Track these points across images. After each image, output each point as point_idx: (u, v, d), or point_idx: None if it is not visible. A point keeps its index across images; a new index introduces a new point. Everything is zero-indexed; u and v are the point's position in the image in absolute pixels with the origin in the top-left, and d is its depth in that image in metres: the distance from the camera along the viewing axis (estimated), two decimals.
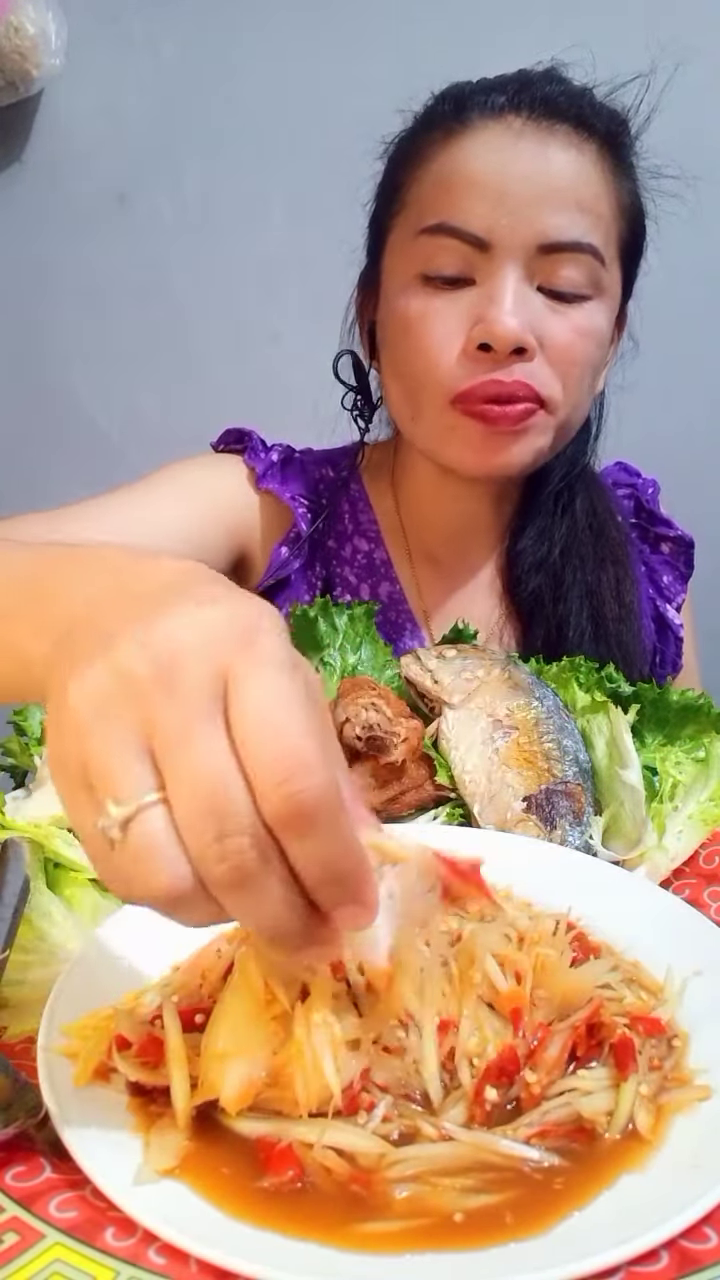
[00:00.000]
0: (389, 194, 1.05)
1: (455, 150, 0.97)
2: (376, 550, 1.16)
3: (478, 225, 0.94)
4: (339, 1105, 0.50)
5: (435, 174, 0.98)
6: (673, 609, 1.25)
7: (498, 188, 0.94)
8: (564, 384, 0.99)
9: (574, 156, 0.96)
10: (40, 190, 1.93)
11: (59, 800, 0.42)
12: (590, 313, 0.99)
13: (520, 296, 0.95)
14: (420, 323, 0.98)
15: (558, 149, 0.96)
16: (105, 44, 1.86)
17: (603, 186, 0.98)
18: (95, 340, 1.99)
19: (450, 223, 0.95)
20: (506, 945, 0.60)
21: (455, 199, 0.96)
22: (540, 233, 0.94)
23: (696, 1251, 0.46)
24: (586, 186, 0.97)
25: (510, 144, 0.96)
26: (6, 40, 1.74)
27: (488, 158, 0.96)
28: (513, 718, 0.84)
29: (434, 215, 0.97)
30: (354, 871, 0.42)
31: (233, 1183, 0.49)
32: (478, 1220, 0.47)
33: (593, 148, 0.98)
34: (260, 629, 0.41)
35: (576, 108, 0.97)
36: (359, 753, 0.83)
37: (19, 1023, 0.61)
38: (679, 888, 0.76)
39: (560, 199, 0.95)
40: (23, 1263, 0.46)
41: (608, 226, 0.99)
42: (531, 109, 0.96)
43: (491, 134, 0.96)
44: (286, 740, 0.39)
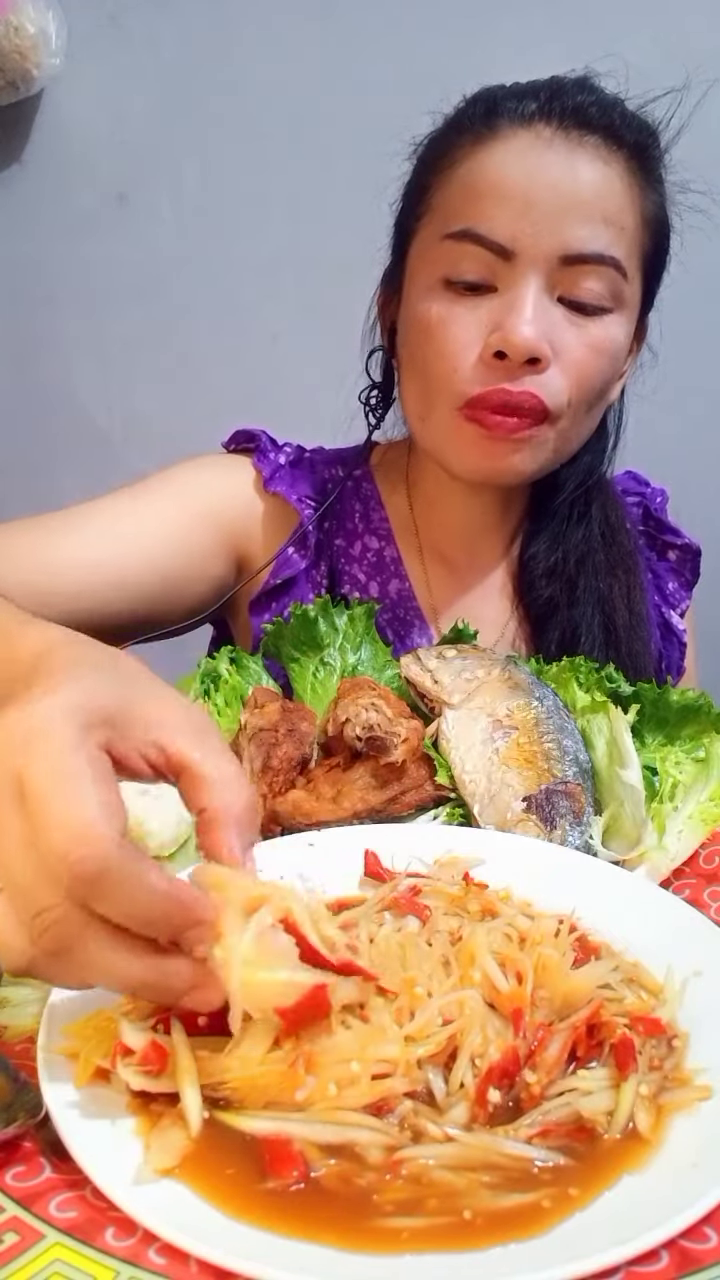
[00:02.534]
0: (415, 196, 1.05)
1: (484, 156, 0.97)
2: (387, 548, 1.16)
3: (502, 233, 0.95)
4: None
5: (462, 179, 0.99)
6: (677, 615, 1.26)
7: (524, 196, 0.95)
8: (572, 397, 0.99)
9: (601, 169, 0.96)
10: (40, 190, 1.94)
11: None
12: (608, 326, 0.99)
13: (540, 307, 0.95)
14: (441, 327, 0.99)
15: (586, 160, 0.96)
16: (105, 44, 1.86)
17: (628, 199, 0.98)
18: (95, 340, 1.99)
19: (475, 229, 0.96)
20: (507, 945, 0.60)
21: (481, 206, 0.96)
22: (564, 244, 0.95)
23: (696, 1251, 0.46)
24: (612, 199, 0.97)
25: (539, 153, 0.96)
26: (7, 40, 1.74)
27: (515, 165, 0.96)
28: (513, 718, 0.84)
29: (459, 221, 0.97)
30: (166, 909, 0.47)
31: (233, 1183, 0.49)
32: (484, 1219, 0.47)
33: (621, 160, 0.98)
34: (37, 729, 0.47)
35: (607, 119, 0.97)
36: (359, 753, 0.83)
37: (19, 1023, 0.61)
38: (679, 888, 0.76)
39: (586, 211, 0.95)
40: (23, 1263, 0.46)
41: (631, 239, 0.99)
42: (562, 118, 0.96)
43: (520, 142, 0.96)
44: (63, 820, 0.45)
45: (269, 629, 0.99)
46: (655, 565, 1.27)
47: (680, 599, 1.27)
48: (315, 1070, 0.52)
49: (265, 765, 0.81)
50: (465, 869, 0.70)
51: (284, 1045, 0.53)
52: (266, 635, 0.99)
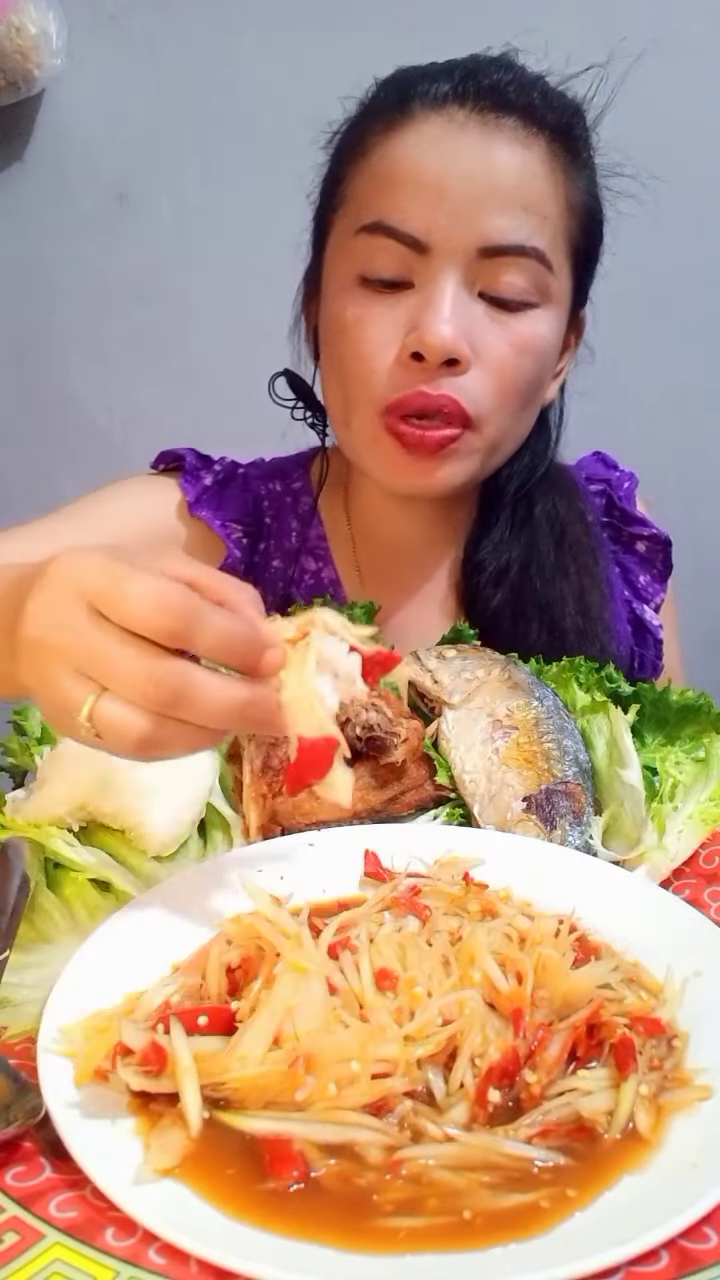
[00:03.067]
0: (330, 188, 1.00)
1: (395, 144, 0.92)
2: (324, 569, 1.11)
3: (415, 226, 0.90)
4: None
5: (374, 168, 0.93)
6: (650, 610, 1.20)
7: (436, 186, 0.89)
8: (497, 400, 0.94)
9: (520, 153, 0.90)
10: (41, 190, 1.94)
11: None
12: (534, 322, 0.94)
13: (458, 303, 0.90)
14: (357, 327, 0.93)
15: (503, 144, 0.90)
16: (105, 44, 1.86)
17: (550, 185, 0.92)
18: (95, 340, 1.99)
19: (387, 222, 0.90)
20: (507, 945, 0.60)
21: (393, 197, 0.91)
22: (481, 235, 0.89)
23: (696, 1251, 0.46)
24: (532, 186, 0.91)
25: (451, 138, 0.90)
26: (8, 40, 1.74)
27: (428, 152, 0.90)
28: (513, 718, 0.84)
29: (372, 214, 0.92)
30: (246, 632, 0.58)
31: (233, 1183, 0.49)
32: (484, 1219, 0.47)
33: (542, 143, 0.92)
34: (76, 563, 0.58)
35: (526, 98, 0.91)
36: (359, 753, 0.83)
37: (19, 1023, 0.61)
38: (679, 888, 0.76)
39: (503, 199, 0.89)
40: (23, 1263, 0.46)
41: (555, 228, 0.93)
42: (477, 99, 0.90)
43: (433, 127, 0.90)
44: (140, 595, 0.55)
45: None
46: (623, 558, 1.20)
47: (654, 593, 1.21)
48: (315, 1070, 0.52)
49: (265, 765, 0.81)
50: (465, 869, 0.70)
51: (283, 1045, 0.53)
52: None
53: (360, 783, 0.81)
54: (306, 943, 0.59)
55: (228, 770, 0.83)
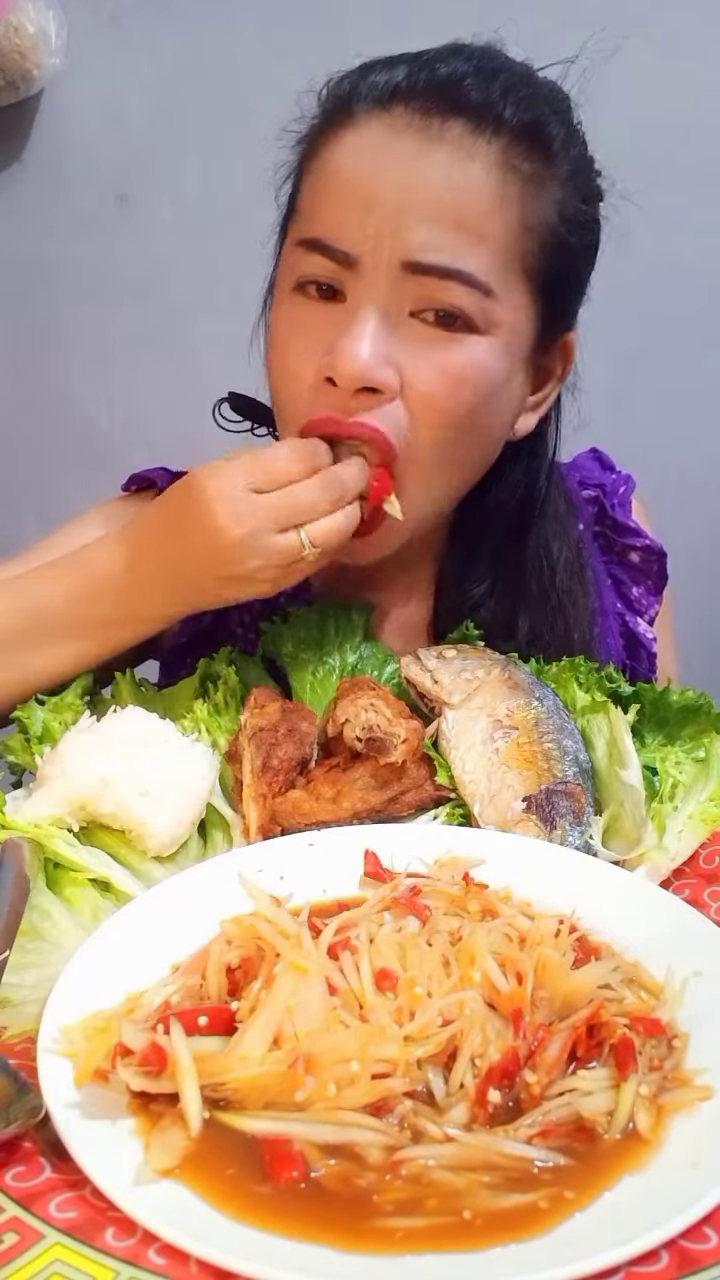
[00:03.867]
0: (292, 193, 0.94)
1: (336, 148, 0.85)
2: (299, 594, 1.03)
3: (345, 239, 0.83)
4: None
5: (317, 176, 0.87)
6: (644, 622, 1.14)
7: (366, 196, 0.81)
8: (425, 433, 0.85)
9: (462, 161, 0.81)
10: (40, 190, 1.94)
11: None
12: (470, 349, 0.84)
13: (382, 325, 0.83)
14: (286, 337, 0.88)
15: (443, 152, 0.81)
16: (105, 44, 1.86)
17: (498, 201, 0.82)
18: (95, 340, 1.99)
19: (319, 239, 0.84)
20: (507, 945, 0.60)
21: (327, 208, 0.85)
22: (405, 250, 0.81)
23: (696, 1251, 0.46)
24: (471, 201, 0.82)
25: (387, 144, 0.82)
26: (7, 40, 1.75)
27: (362, 160, 0.83)
28: (513, 718, 0.84)
29: (309, 228, 0.86)
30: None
31: (233, 1183, 0.49)
32: (484, 1219, 0.47)
33: (494, 151, 0.82)
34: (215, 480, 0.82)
35: (482, 94, 0.82)
36: (359, 753, 0.83)
37: (19, 1023, 0.61)
38: (679, 888, 0.76)
39: (432, 213, 0.81)
40: (23, 1263, 0.46)
41: (503, 249, 0.83)
42: (424, 96, 0.82)
43: (371, 130, 0.83)
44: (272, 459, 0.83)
45: (269, 629, 0.98)
46: (615, 570, 1.14)
47: (648, 605, 1.14)
48: (315, 1070, 0.52)
49: (265, 765, 0.81)
50: (465, 869, 0.70)
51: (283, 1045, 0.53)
52: (266, 635, 0.99)
53: (360, 783, 0.81)
54: (306, 943, 0.59)
55: (228, 770, 0.83)
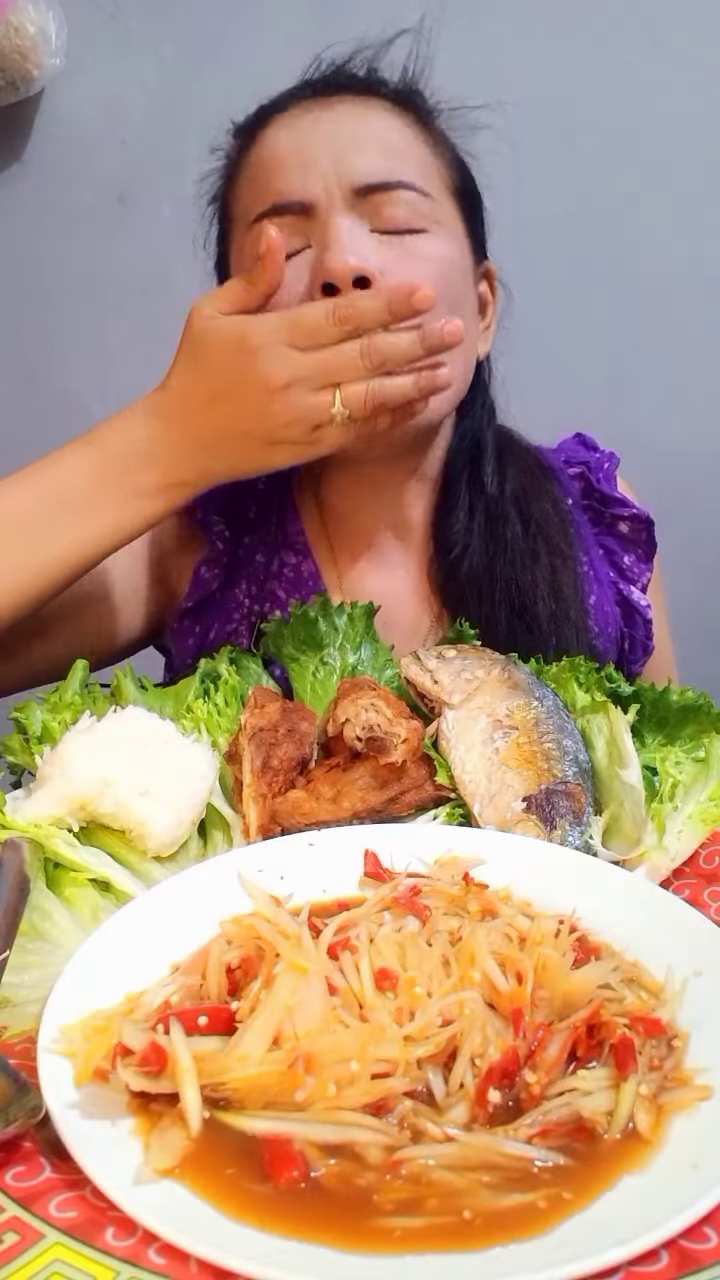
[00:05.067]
0: (221, 213, 1.08)
1: (259, 147, 1.01)
2: (304, 562, 1.12)
3: (294, 193, 0.97)
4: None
5: (248, 175, 1.02)
6: (638, 590, 1.20)
7: (300, 156, 0.97)
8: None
9: (363, 111, 1.00)
10: (40, 190, 1.94)
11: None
12: (428, 242, 0.99)
13: (352, 234, 0.95)
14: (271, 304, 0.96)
15: (346, 109, 1.00)
16: (105, 44, 1.86)
17: (405, 132, 1.00)
18: (95, 340, 1.99)
19: (273, 203, 0.97)
20: (507, 945, 0.60)
21: (269, 183, 0.98)
22: (351, 177, 0.96)
23: (696, 1251, 0.46)
24: (385, 131, 0.99)
25: (302, 120, 1.00)
26: (7, 40, 1.75)
27: (284, 138, 0.99)
28: (513, 718, 0.84)
29: (255, 207, 0.99)
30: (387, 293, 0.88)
31: (233, 1183, 0.49)
32: (484, 1219, 0.47)
33: (382, 104, 1.01)
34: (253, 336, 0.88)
35: (354, 77, 1.03)
36: (359, 753, 0.83)
37: (19, 1023, 0.61)
38: (679, 888, 0.76)
39: (361, 144, 0.97)
40: (23, 1263, 0.46)
41: (424, 164, 1.00)
42: (315, 90, 1.01)
43: (283, 120, 1.01)
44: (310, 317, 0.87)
45: (269, 629, 0.99)
46: (605, 540, 1.19)
47: (640, 573, 1.20)
48: (315, 1070, 0.52)
49: (265, 765, 0.81)
50: (465, 869, 0.70)
51: (283, 1045, 0.53)
52: (266, 635, 0.99)
53: (360, 783, 0.81)
54: (306, 943, 0.59)
55: (228, 770, 0.83)
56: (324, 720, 0.88)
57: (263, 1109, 0.52)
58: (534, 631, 1.07)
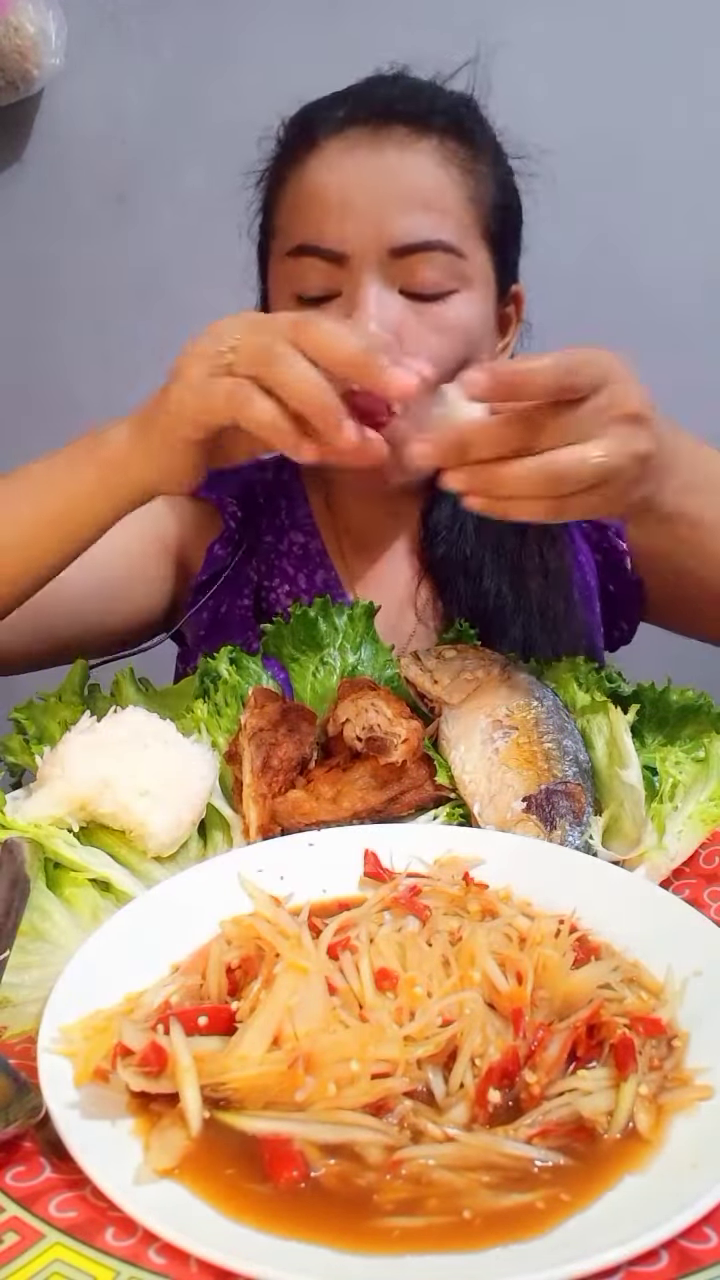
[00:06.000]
0: (265, 221, 1.08)
1: (306, 172, 1.00)
2: (312, 541, 1.18)
3: (330, 240, 0.97)
4: None
5: (291, 197, 1.02)
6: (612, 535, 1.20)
7: (341, 201, 0.97)
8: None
9: (410, 156, 0.98)
10: (40, 190, 1.94)
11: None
12: (454, 307, 0.99)
13: (380, 302, 0.96)
14: None
15: (394, 152, 0.98)
16: (105, 44, 1.86)
17: (447, 179, 0.99)
18: (95, 340, 1.99)
19: (308, 243, 0.98)
20: (507, 945, 0.60)
21: (309, 219, 0.99)
22: (389, 238, 0.96)
23: (696, 1251, 0.46)
24: (429, 182, 0.98)
25: (349, 156, 0.98)
26: (6, 40, 1.75)
27: (330, 173, 0.98)
28: (513, 718, 0.83)
29: (294, 238, 1.00)
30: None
31: (233, 1183, 0.49)
32: (484, 1219, 0.47)
33: (431, 143, 0.99)
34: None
35: (412, 105, 0.99)
36: (359, 753, 0.83)
37: (19, 1023, 0.61)
38: (679, 888, 0.76)
39: (403, 201, 0.96)
40: (23, 1263, 0.46)
41: (460, 217, 0.99)
42: (369, 117, 0.99)
43: (333, 150, 0.99)
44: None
45: (269, 629, 0.99)
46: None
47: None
48: (315, 1070, 0.52)
49: (265, 765, 0.81)
50: (465, 869, 0.70)
51: (283, 1045, 0.53)
52: (266, 635, 0.99)
53: (360, 783, 0.81)
54: (306, 943, 0.59)
55: (228, 770, 0.83)
56: (324, 720, 0.88)
57: (263, 1109, 0.52)
58: (524, 601, 1.10)
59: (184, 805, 0.76)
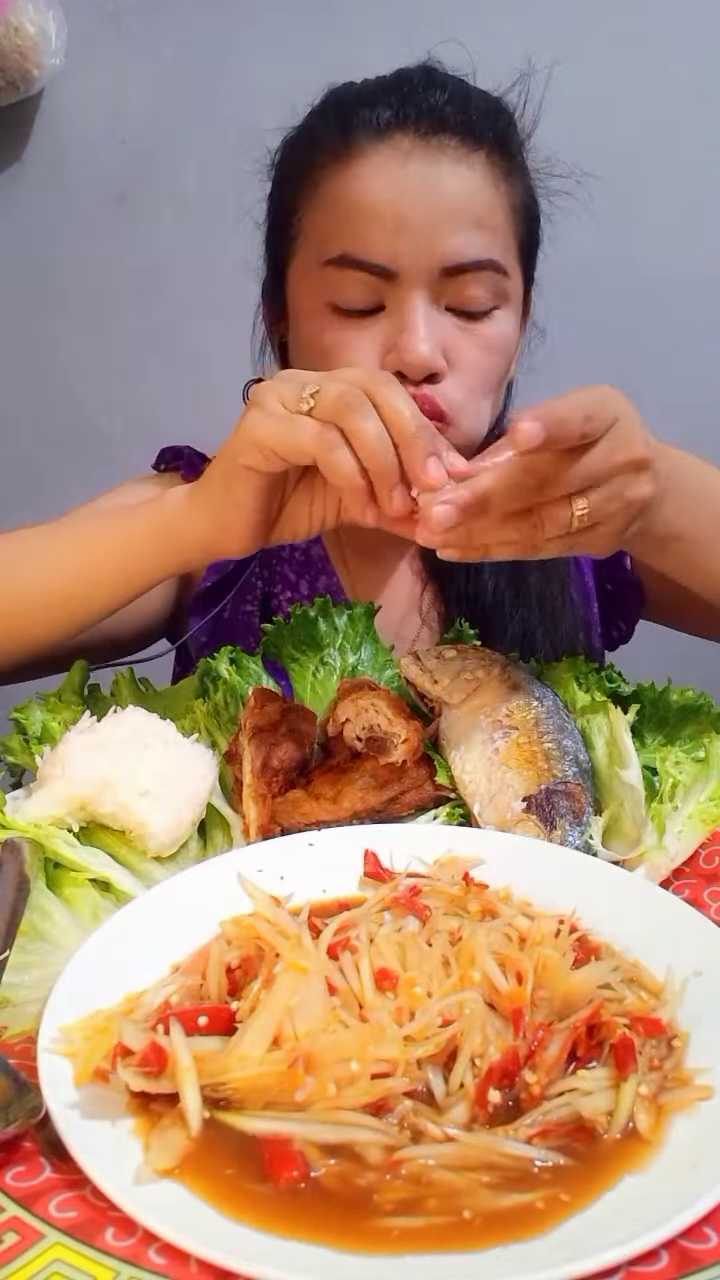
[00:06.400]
0: (283, 216, 1.04)
1: (349, 176, 0.96)
2: (314, 547, 1.18)
3: (381, 255, 0.95)
4: None
5: (330, 203, 0.98)
6: None
7: (394, 215, 0.94)
8: (471, 399, 0.99)
9: (465, 173, 0.96)
10: (40, 190, 1.94)
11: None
12: (497, 324, 1.00)
13: (430, 321, 0.95)
14: (337, 351, 0.98)
15: (448, 167, 0.95)
16: (105, 44, 1.86)
17: (495, 195, 0.98)
18: (95, 340, 1.99)
19: (354, 255, 0.95)
20: (507, 946, 0.60)
21: (354, 229, 0.95)
22: (442, 256, 0.94)
23: (696, 1251, 0.46)
24: (480, 200, 0.96)
25: (400, 167, 0.95)
26: (7, 40, 1.74)
27: (380, 184, 0.95)
28: (512, 718, 0.83)
29: (336, 246, 0.96)
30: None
31: (233, 1183, 0.49)
32: (484, 1219, 0.47)
33: (481, 156, 0.97)
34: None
35: (464, 116, 0.96)
36: (359, 753, 0.83)
37: (19, 1023, 0.61)
38: (679, 888, 0.76)
39: (456, 219, 0.95)
40: (23, 1263, 0.46)
41: (505, 234, 0.99)
42: (418, 124, 0.95)
43: (381, 158, 0.95)
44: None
45: (268, 629, 0.99)
46: None
47: None
48: (315, 1070, 0.52)
49: (265, 765, 0.81)
50: (465, 869, 0.70)
51: (283, 1045, 0.53)
52: (267, 635, 0.99)
53: (360, 783, 0.81)
54: (306, 943, 0.59)
55: (228, 770, 0.83)
56: (324, 720, 0.88)
57: (263, 1109, 0.52)
58: (524, 596, 1.11)
59: (184, 805, 0.76)
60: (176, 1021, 0.54)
